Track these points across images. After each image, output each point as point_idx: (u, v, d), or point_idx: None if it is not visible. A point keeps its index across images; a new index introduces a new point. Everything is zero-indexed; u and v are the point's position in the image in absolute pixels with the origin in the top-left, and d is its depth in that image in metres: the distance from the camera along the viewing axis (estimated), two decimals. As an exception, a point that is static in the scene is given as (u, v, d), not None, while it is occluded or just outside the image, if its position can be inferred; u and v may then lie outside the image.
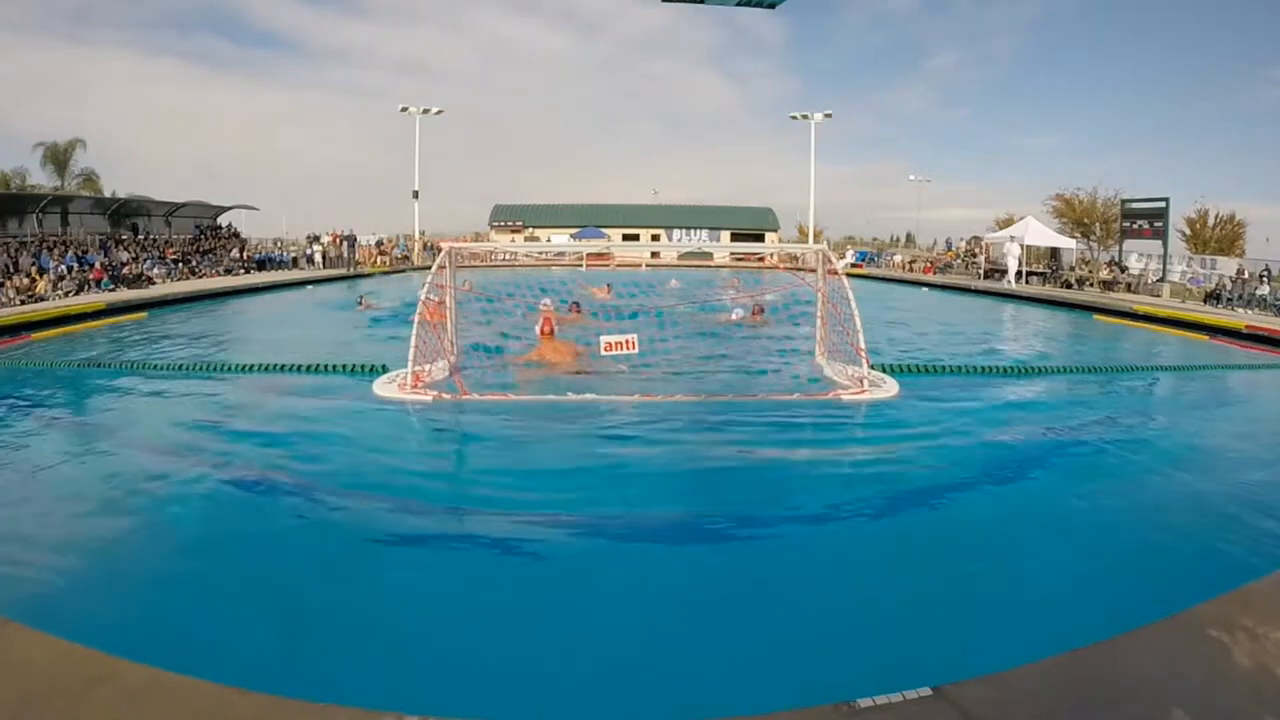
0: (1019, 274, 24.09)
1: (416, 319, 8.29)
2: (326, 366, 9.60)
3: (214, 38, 74.86)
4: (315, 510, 5.08)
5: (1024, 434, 7.08)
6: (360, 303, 16.93)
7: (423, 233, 39.99)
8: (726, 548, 4.66)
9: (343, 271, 29.10)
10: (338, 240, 32.26)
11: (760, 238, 47.60)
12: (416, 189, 39.51)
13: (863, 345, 8.38)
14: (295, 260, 30.85)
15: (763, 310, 13.16)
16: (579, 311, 12.87)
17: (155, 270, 22.66)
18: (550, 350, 9.69)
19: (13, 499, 5.33)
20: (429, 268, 9.49)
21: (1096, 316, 17.78)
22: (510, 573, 4.30)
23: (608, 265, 28.49)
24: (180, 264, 24.42)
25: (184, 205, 29.42)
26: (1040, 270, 25.27)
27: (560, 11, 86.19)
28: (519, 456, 6.26)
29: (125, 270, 21.11)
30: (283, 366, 9.74)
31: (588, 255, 28.34)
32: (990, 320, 17.69)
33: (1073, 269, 25.01)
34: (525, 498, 5.30)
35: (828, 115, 40.99)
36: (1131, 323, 16.61)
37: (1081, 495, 5.55)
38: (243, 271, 26.61)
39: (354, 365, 9.56)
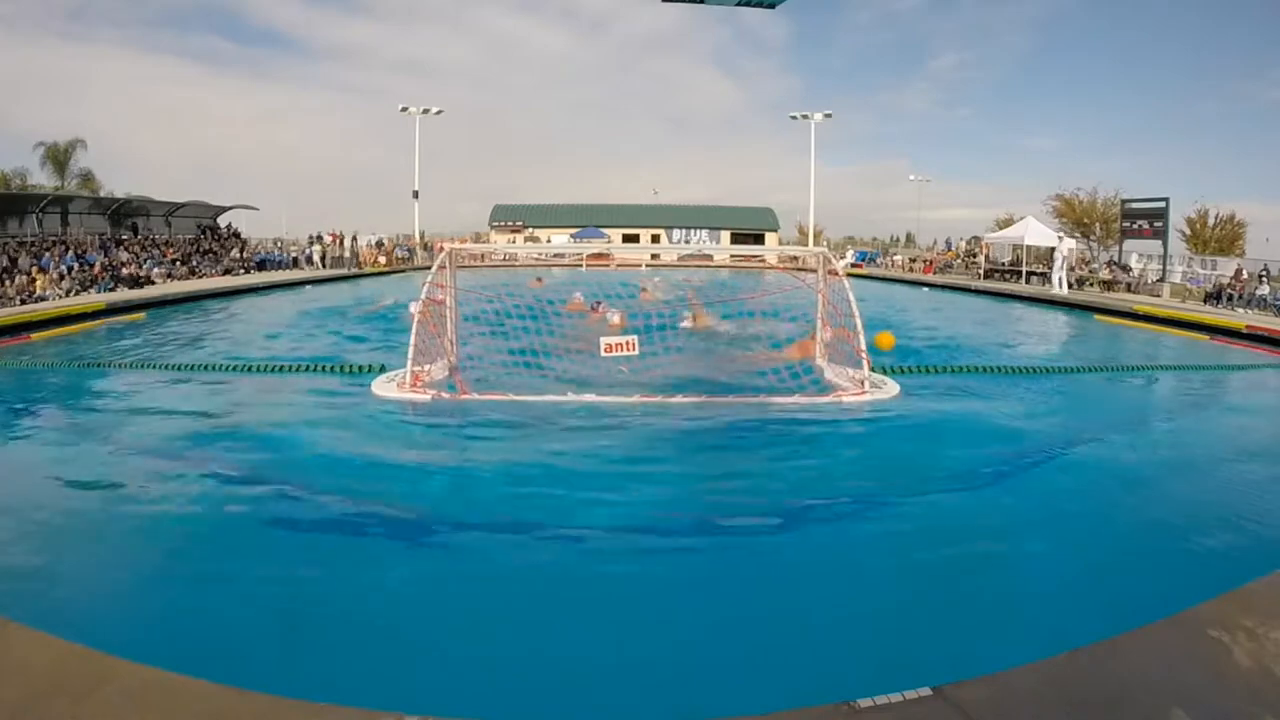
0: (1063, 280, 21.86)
1: (415, 319, 8.29)
2: (325, 366, 9.61)
3: (214, 37, 74.95)
4: (314, 510, 5.08)
5: (1024, 434, 7.08)
6: (375, 303, 17.13)
7: (423, 233, 40.02)
8: (727, 548, 4.65)
9: (342, 271, 29.13)
10: (337, 240, 32.29)
11: (760, 238, 47.59)
12: (416, 189, 39.57)
13: (863, 346, 8.38)
14: (295, 260, 30.86)
15: (700, 314, 13.00)
16: (596, 311, 13.10)
17: (155, 270, 22.65)
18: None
19: (12, 499, 5.33)
20: (429, 268, 9.48)
21: (1097, 316, 17.78)
22: (510, 573, 4.30)
23: (607, 266, 28.48)
24: (180, 264, 24.42)
25: (184, 205, 29.42)
26: (1040, 270, 25.26)
27: (561, 11, 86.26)
28: (518, 456, 6.25)
29: (125, 270, 21.10)
30: (282, 367, 9.74)
31: (587, 255, 28.30)
32: (991, 320, 17.68)
33: (1073, 269, 24.99)
34: (524, 498, 5.30)
35: (828, 115, 41.03)
36: (1131, 323, 16.61)
37: (1081, 495, 5.55)
38: (242, 271, 26.60)
39: (353, 365, 9.56)
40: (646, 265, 30.36)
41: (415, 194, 39.61)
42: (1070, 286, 22.79)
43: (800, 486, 5.70)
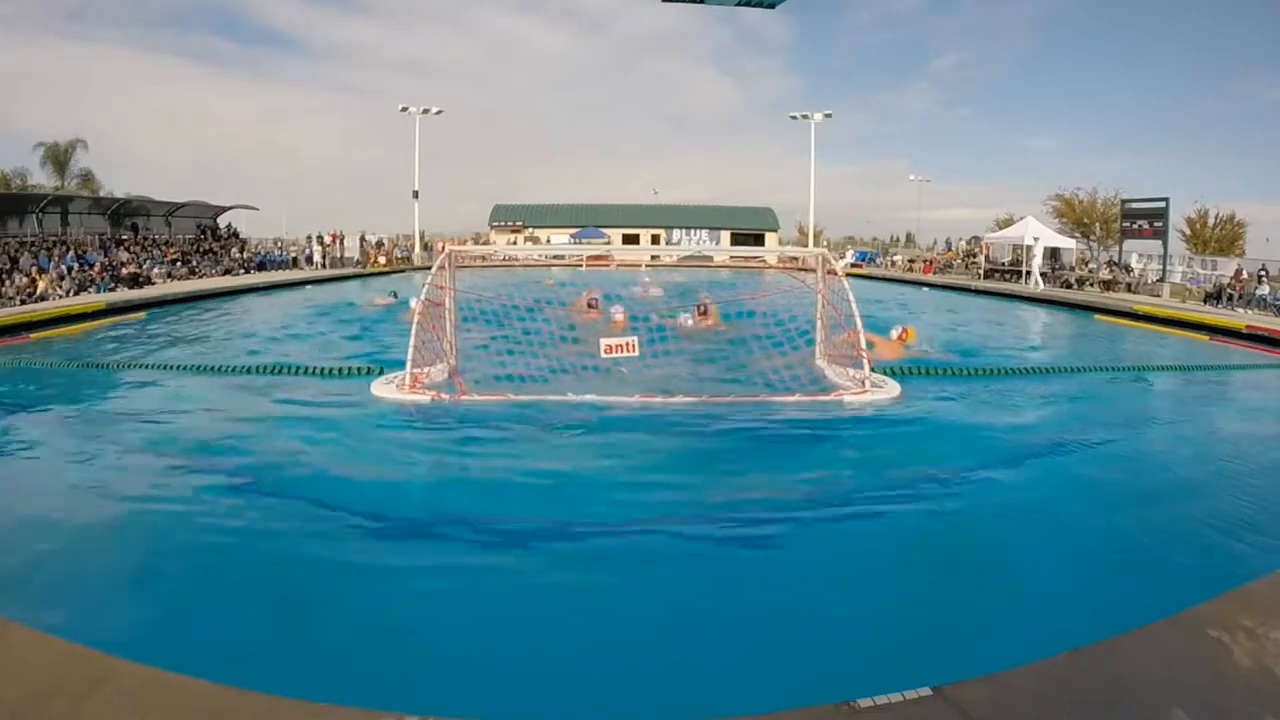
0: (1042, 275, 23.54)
1: (415, 320, 8.29)
2: (325, 368, 9.60)
3: (214, 37, 75.00)
4: (313, 511, 5.07)
5: (1024, 435, 7.08)
6: (394, 296, 17.35)
7: (423, 233, 40.06)
8: (727, 548, 4.65)
9: (342, 271, 29.19)
10: (337, 240, 32.32)
11: (760, 238, 47.58)
12: (416, 189, 39.58)
13: (864, 346, 8.38)
14: (295, 260, 30.89)
15: (705, 310, 13.03)
16: (594, 309, 13.37)
17: (155, 270, 22.66)
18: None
19: (12, 499, 5.33)
20: (428, 268, 9.48)
21: (1097, 316, 17.78)
22: (509, 573, 4.30)
23: (607, 266, 28.50)
24: (180, 264, 24.42)
25: (184, 205, 29.42)
26: (1041, 270, 25.22)
27: (561, 11, 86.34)
28: (518, 457, 6.26)
29: (125, 270, 21.10)
30: (281, 368, 9.74)
31: (587, 256, 28.34)
32: (990, 320, 17.68)
33: (1072, 269, 25.01)
34: (523, 498, 5.30)
35: (827, 115, 41.00)
36: (1132, 323, 16.61)
37: (1081, 495, 5.55)
38: (242, 272, 26.61)
39: (353, 366, 9.56)
40: (646, 265, 30.37)
41: (415, 194, 39.63)
42: (1070, 286, 22.90)
43: (800, 486, 5.70)
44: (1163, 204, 22.63)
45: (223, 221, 32.07)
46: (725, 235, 47.50)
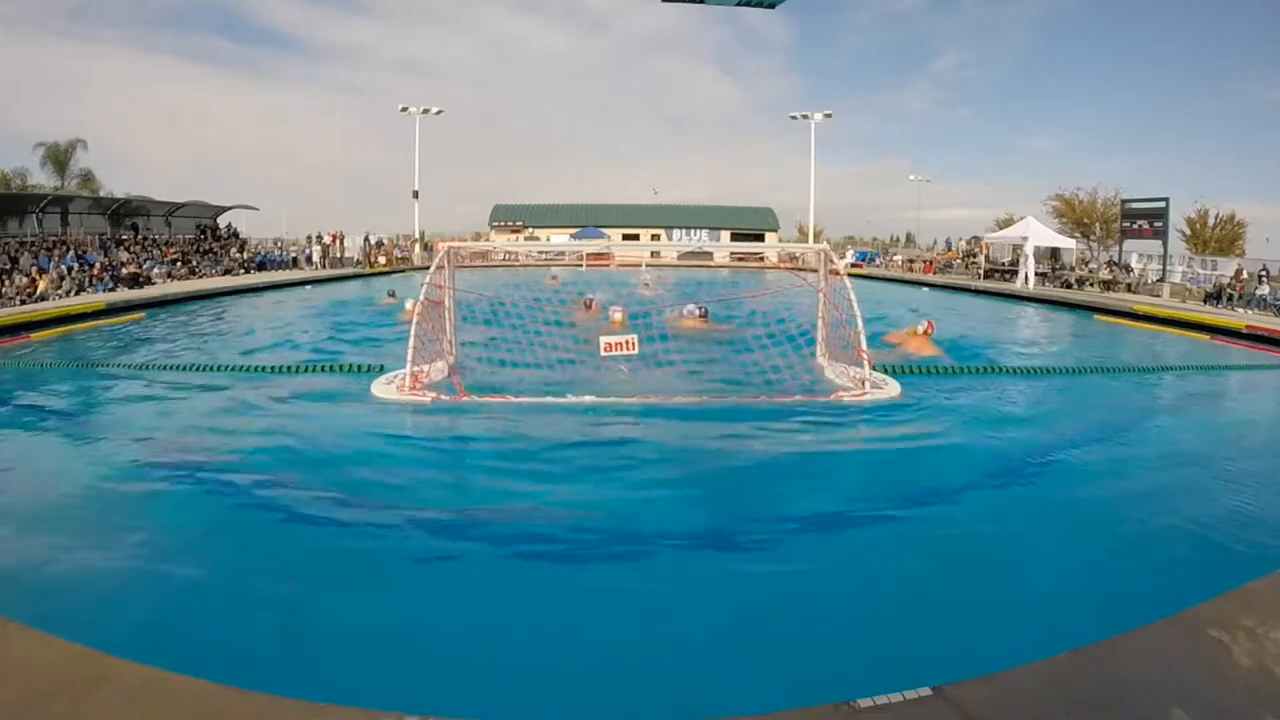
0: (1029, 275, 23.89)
1: (414, 320, 8.28)
2: (325, 367, 9.60)
3: (214, 37, 75.07)
4: (313, 512, 5.07)
5: (1025, 435, 7.07)
6: (392, 295, 17.39)
7: (423, 233, 40.06)
8: (727, 549, 4.65)
9: (342, 271, 29.20)
10: (337, 240, 32.34)
11: (760, 238, 47.60)
12: (416, 189, 39.59)
13: (864, 346, 8.37)
14: (295, 260, 30.89)
15: (705, 313, 12.98)
16: (590, 308, 13.36)
17: (155, 270, 22.64)
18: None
19: (12, 499, 5.33)
20: (428, 268, 9.47)
21: (1097, 316, 17.77)
22: (509, 573, 4.30)
23: (607, 265, 28.49)
24: (180, 264, 24.41)
25: (184, 205, 29.40)
26: (1041, 270, 25.23)
27: (561, 11, 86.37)
28: (517, 458, 6.25)
29: (125, 270, 21.09)
30: (281, 367, 9.73)
31: (588, 255, 28.33)
32: (991, 320, 17.67)
33: (1072, 269, 25.00)
34: (523, 499, 5.30)
35: (827, 115, 41.03)
36: (1132, 323, 16.60)
37: (1081, 495, 5.55)
38: (242, 272, 26.59)
39: (353, 366, 9.55)
40: (646, 264, 30.35)
41: (415, 194, 39.66)
42: (1070, 286, 22.91)
43: (800, 486, 5.70)
44: (1163, 204, 22.63)
45: (223, 221, 32.04)
46: (725, 235, 47.50)
